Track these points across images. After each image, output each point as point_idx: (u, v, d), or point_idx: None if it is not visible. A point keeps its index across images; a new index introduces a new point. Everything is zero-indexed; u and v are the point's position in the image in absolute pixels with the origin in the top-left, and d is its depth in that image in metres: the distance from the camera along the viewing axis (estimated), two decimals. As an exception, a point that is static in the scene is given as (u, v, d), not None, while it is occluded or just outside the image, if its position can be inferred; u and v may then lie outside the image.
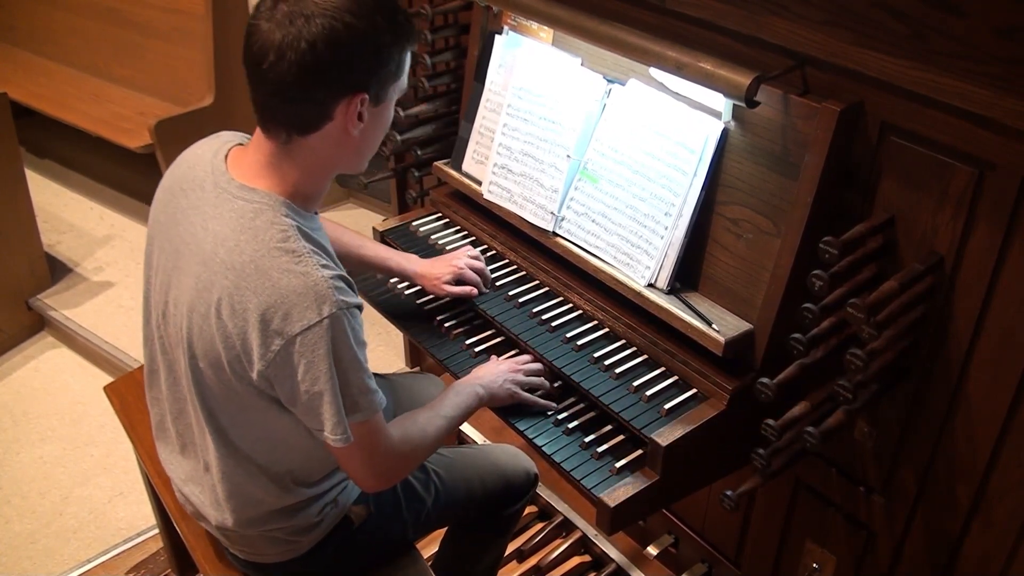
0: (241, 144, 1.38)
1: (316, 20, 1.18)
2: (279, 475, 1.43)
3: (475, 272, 1.82)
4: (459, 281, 1.81)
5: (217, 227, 1.28)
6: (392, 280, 1.95)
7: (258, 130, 1.30)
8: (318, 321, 1.23)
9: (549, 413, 1.62)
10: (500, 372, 1.61)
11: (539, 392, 1.64)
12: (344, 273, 1.30)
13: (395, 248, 1.98)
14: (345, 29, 1.19)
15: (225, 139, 1.39)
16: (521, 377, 1.62)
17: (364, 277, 1.98)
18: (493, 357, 1.72)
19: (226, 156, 1.35)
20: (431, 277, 1.81)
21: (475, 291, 1.80)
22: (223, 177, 1.31)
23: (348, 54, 1.21)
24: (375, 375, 1.83)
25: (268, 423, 1.35)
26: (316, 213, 1.36)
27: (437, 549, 1.96)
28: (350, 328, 1.26)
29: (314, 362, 1.24)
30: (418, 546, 1.71)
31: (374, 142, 1.35)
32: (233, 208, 1.28)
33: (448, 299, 1.87)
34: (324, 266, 1.26)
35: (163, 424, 1.52)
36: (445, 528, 1.87)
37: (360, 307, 1.31)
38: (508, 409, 1.63)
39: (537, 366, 1.67)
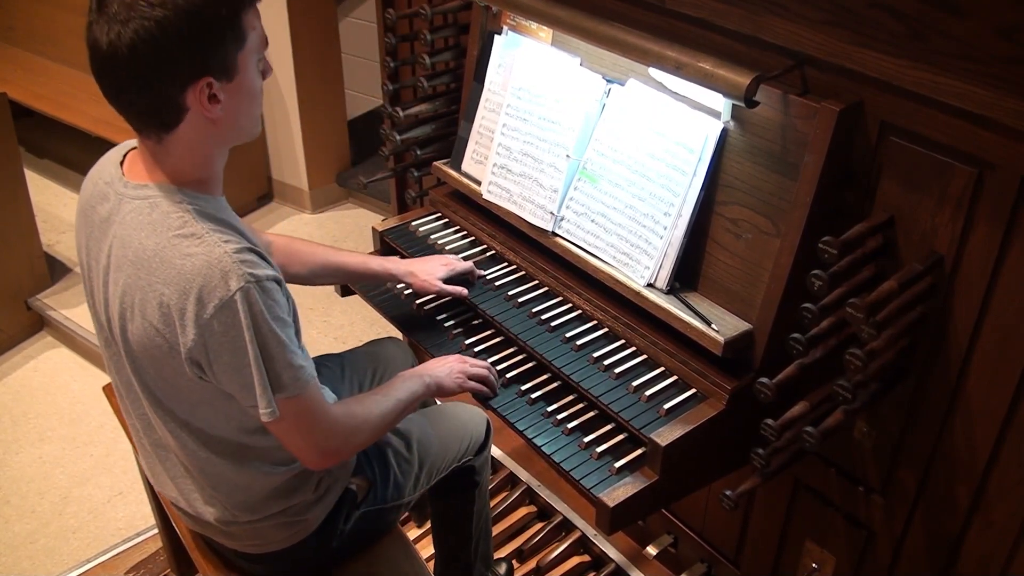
0: (135, 148, 1.39)
1: (130, 24, 1.17)
2: (258, 453, 1.44)
3: (464, 272, 1.84)
4: (449, 279, 1.83)
5: (122, 231, 1.31)
6: (391, 280, 1.95)
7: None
8: (230, 296, 1.23)
9: (549, 413, 1.62)
10: (448, 363, 1.64)
11: (486, 378, 1.66)
12: (253, 245, 1.30)
13: (396, 250, 1.98)
14: (157, 26, 1.17)
15: (123, 146, 1.42)
16: (468, 368, 1.64)
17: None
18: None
19: (122, 162, 1.37)
20: (422, 274, 1.82)
21: (465, 291, 1.82)
22: (120, 183, 1.33)
23: (169, 48, 1.19)
24: (337, 353, 1.88)
25: (222, 409, 1.37)
26: (220, 196, 1.36)
27: (433, 549, 2.00)
28: (263, 303, 1.26)
29: (235, 338, 1.25)
30: (417, 547, 1.72)
31: (248, 110, 1.32)
32: (131, 208, 1.30)
33: (446, 299, 1.87)
34: (227, 241, 1.26)
35: (141, 443, 1.53)
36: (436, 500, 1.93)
37: (277, 280, 1.30)
38: (506, 409, 1.63)
39: (484, 365, 1.68)
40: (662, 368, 1.61)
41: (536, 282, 1.84)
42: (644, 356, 1.64)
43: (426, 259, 1.87)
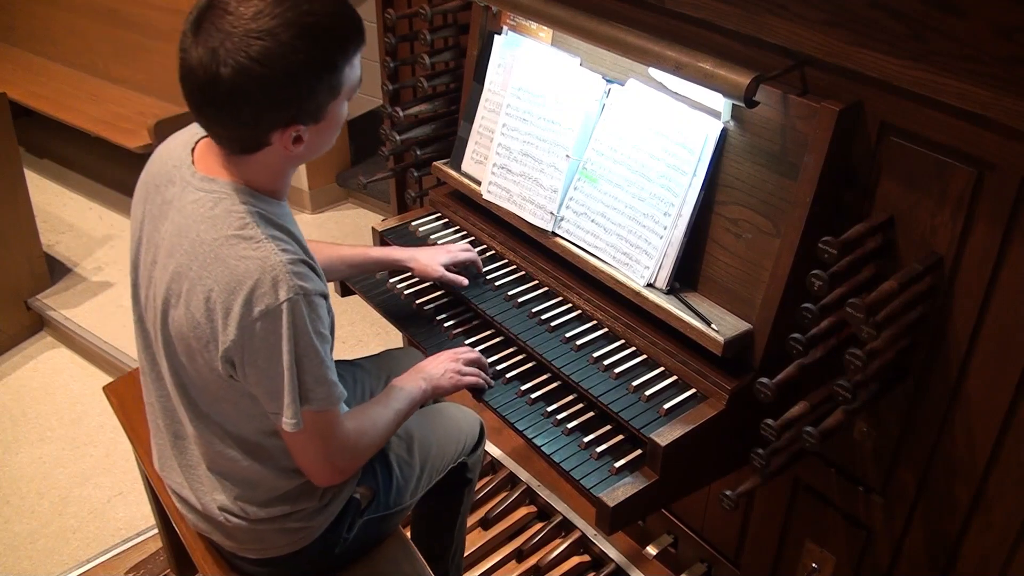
0: (206, 136, 1.39)
1: (228, 66, 1.16)
2: (272, 455, 1.44)
3: (465, 262, 1.85)
4: (451, 269, 1.83)
5: (180, 219, 1.31)
6: (392, 280, 1.95)
7: None
8: (276, 305, 1.24)
9: (549, 413, 1.62)
10: (440, 363, 1.64)
11: (479, 375, 1.67)
12: (307, 258, 1.31)
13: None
14: (254, 81, 1.17)
15: (195, 131, 1.41)
16: (461, 366, 1.65)
17: (363, 278, 1.98)
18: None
19: (194, 148, 1.37)
20: (424, 259, 1.82)
21: (466, 281, 1.82)
22: (188, 170, 1.34)
23: (262, 102, 1.19)
24: (349, 361, 1.87)
25: (244, 409, 1.38)
26: (284, 200, 1.37)
27: (410, 527, 1.99)
28: (308, 317, 1.27)
29: (274, 345, 1.26)
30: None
31: (329, 139, 1.35)
32: (194, 199, 1.30)
33: (446, 299, 1.87)
34: (284, 250, 1.27)
35: (156, 426, 1.54)
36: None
37: (323, 295, 1.31)
38: (505, 409, 1.63)
39: (475, 354, 1.69)
40: (662, 368, 1.61)
41: (536, 282, 1.84)
42: (644, 356, 1.64)
43: (429, 248, 1.88)
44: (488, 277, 1.86)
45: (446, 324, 1.83)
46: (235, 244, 1.26)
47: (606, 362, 1.63)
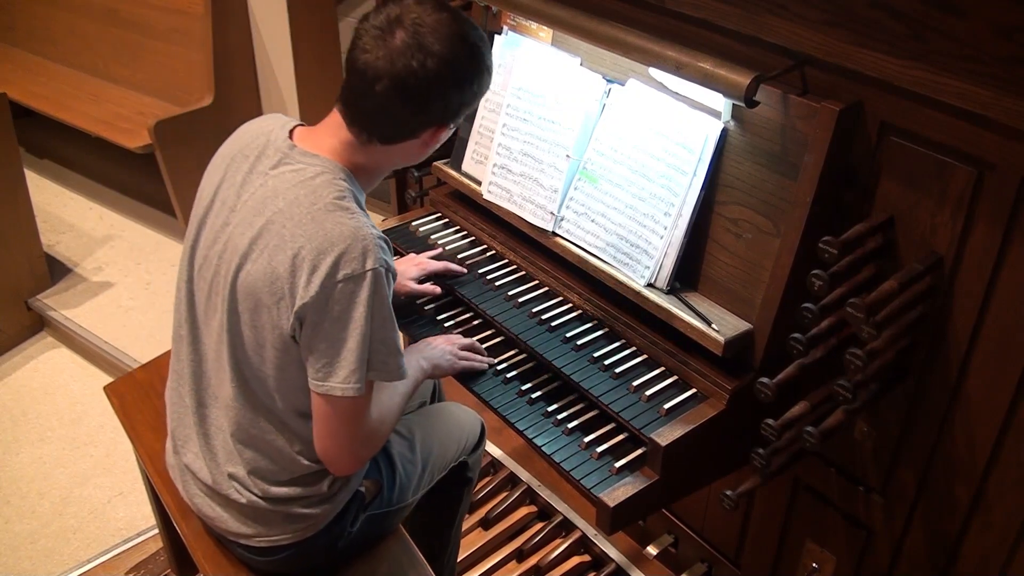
0: (302, 125, 1.48)
1: (433, 59, 1.30)
2: (294, 435, 1.47)
3: (437, 271, 1.86)
4: (425, 279, 1.86)
5: (276, 183, 1.39)
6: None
7: (339, 115, 1.40)
8: (362, 272, 1.32)
9: (549, 413, 1.62)
10: (438, 344, 1.70)
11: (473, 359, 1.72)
12: (387, 238, 1.39)
13: (395, 250, 1.99)
14: (453, 75, 1.33)
15: (288, 118, 1.50)
16: (456, 349, 1.70)
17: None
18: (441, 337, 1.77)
19: (291, 132, 1.45)
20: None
21: (438, 289, 1.85)
22: (285, 144, 1.42)
23: (452, 95, 1.36)
24: None
25: (286, 379, 1.42)
26: (366, 192, 1.47)
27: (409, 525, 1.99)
28: (386, 289, 1.35)
29: (348, 309, 1.32)
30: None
31: (432, 151, 1.49)
32: (294, 169, 1.39)
33: (447, 299, 1.87)
34: (372, 227, 1.37)
35: (180, 395, 1.55)
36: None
37: (395, 275, 1.40)
38: (506, 409, 1.63)
39: (469, 340, 1.74)
40: (662, 368, 1.61)
41: (536, 282, 1.84)
42: (644, 356, 1.64)
43: (399, 260, 1.88)
44: (488, 277, 1.87)
45: (446, 324, 1.84)
46: (333, 211, 1.34)
47: (606, 362, 1.63)
